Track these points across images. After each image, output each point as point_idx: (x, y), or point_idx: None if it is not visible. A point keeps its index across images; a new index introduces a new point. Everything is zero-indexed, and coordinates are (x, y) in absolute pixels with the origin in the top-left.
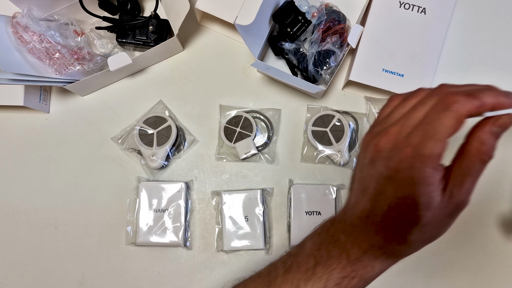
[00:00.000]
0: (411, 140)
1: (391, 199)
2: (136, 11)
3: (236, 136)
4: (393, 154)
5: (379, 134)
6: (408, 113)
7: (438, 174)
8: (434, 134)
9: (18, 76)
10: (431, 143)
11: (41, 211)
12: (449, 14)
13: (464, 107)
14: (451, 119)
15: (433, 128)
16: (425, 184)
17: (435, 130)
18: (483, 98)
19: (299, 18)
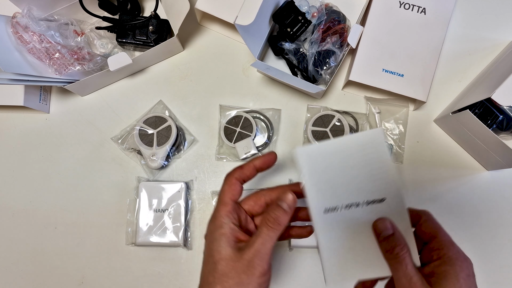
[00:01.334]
0: (212, 213)
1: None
2: (136, 11)
3: (236, 136)
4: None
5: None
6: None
7: (224, 226)
8: (220, 199)
9: (18, 76)
10: (218, 205)
11: (41, 211)
12: (449, 14)
13: (231, 175)
14: (225, 185)
15: (219, 196)
16: (213, 232)
17: (219, 197)
18: (244, 165)
19: (299, 18)
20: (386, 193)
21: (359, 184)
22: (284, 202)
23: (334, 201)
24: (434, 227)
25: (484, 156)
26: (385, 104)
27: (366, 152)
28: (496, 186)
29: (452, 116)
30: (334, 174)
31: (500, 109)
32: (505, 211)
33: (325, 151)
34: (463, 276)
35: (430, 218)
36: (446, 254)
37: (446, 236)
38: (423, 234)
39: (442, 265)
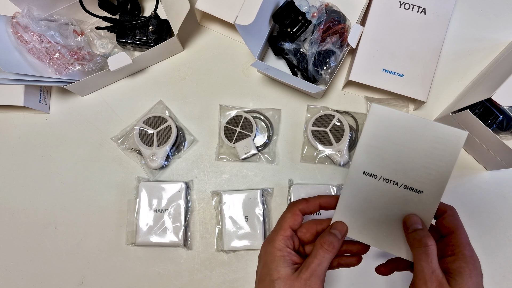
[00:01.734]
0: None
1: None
2: (136, 11)
3: (236, 136)
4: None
5: None
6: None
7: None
8: (280, 225)
9: (18, 76)
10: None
11: (41, 211)
12: (449, 14)
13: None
14: (288, 213)
15: (279, 221)
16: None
17: (280, 222)
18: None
19: (299, 18)
20: (427, 188)
21: (409, 168)
22: (337, 230)
23: (377, 170)
24: (455, 224)
25: (484, 156)
26: (385, 104)
27: (437, 145)
28: (496, 186)
29: (452, 116)
30: (392, 147)
31: (500, 109)
32: (505, 211)
33: (398, 121)
34: (475, 274)
35: (453, 214)
36: (461, 251)
37: (464, 234)
38: (443, 227)
39: (456, 261)
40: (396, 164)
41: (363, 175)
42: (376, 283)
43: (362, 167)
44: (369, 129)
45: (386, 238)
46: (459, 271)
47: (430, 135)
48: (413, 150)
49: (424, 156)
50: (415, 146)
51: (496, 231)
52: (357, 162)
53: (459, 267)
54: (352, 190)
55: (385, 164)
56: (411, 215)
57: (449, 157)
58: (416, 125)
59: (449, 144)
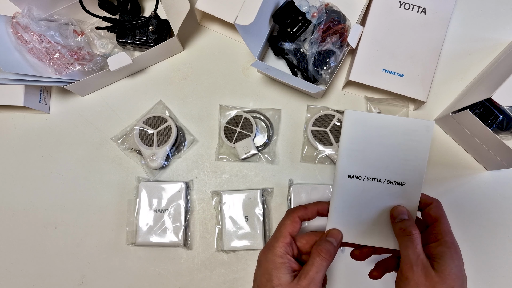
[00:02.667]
0: (272, 238)
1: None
2: (136, 11)
3: (236, 136)
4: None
5: None
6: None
7: (284, 256)
8: (280, 231)
9: (18, 76)
10: (277, 236)
11: (41, 211)
12: (449, 14)
13: (294, 212)
14: (287, 220)
15: (278, 228)
16: (273, 261)
17: (280, 229)
18: (308, 206)
19: (299, 18)
20: (408, 179)
21: (389, 163)
22: (333, 238)
23: (361, 171)
24: (439, 213)
25: (484, 156)
26: (385, 104)
27: (410, 138)
28: (496, 186)
29: (452, 116)
30: (370, 147)
31: (500, 109)
32: (505, 211)
33: (372, 122)
34: (456, 258)
35: (438, 205)
36: (443, 238)
37: (447, 224)
38: (428, 217)
39: (439, 247)
40: (377, 162)
41: (348, 178)
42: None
43: (346, 171)
44: (346, 134)
45: (377, 234)
46: (441, 255)
47: (403, 129)
48: (390, 146)
49: (401, 150)
50: (391, 142)
51: (496, 231)
52: (340, 167)
53: (441, 252)
54: (340, 195)
55: (367, 164)
56: (397, 206)
57: (423, 146)
58: (389, 123)
59: (421, 134)
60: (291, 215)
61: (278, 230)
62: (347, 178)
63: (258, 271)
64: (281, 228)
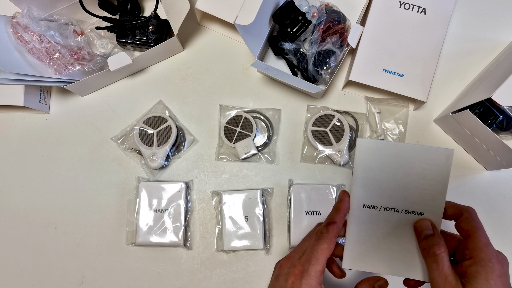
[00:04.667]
0: (301, 261)
1: None
2: (136, 11)
3: (236, 136)
4: (290, 271)
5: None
6: (302, 243)
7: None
8: (316, 257)
9: (18, 76)
10: (314, 263)
11: (41, 211)
12: (449, 14)
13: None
14: (324, 244)
15: (313, 251)
16: None
17: (314, 254)
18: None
19: (299, 18)
20: (427, 209)
21: (406, 193)
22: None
23: (377, 201)
24: (473, 226)
25: (484, 156)
26: (385, 104)
27: (428, 167)
28: (496, 186)
29: (452, 116)
30: (386, 176)
31: (500, 109)
32: (505, 211)
33: (386, 150)
34: (493, 277)
35: (471, 216)
36: (478, 255)
37: (483, 237)
38: (461, 230)
39: (473, 265)
40: (393, 191)
41: (364, 208)
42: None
43: (361, 200)
44: (360, 163)
45: (400, 263)
46: (474, 275)
47: (419, 158)
48: (406, 175)
49: (418, 179)
50: (407, 171)
51: (496, 231)
52: (355, 197)
53: (475, 271)
54: (357, 225)
55: (383, 193)
56: (422, 220)
57: (442, 175)
58: (404, 151)
59: (439, 163)
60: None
61: (314, 254)
62: (363, 207)
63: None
64: (317, 252)
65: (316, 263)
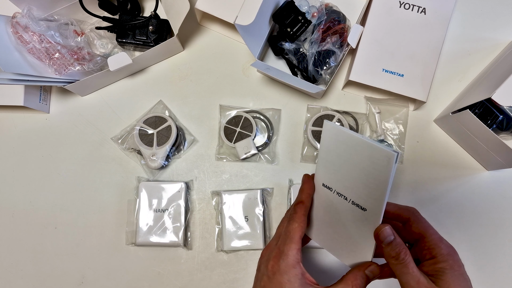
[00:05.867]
0: (278, 244)
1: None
2: (136, 11)
3: (236, 136)
4: (269, 257)
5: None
6: (277, 229)
7: (297, 265)
8: (289, 237)
9: (18, 76)
10: (289, 242)
11: (41, 211)
12: (449, 14)
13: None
14: (295, 223)
15: (286, 233)
16: (287, 273)
17: (288, 235)
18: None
19: (299, 18)
20: (369, 207)
21: (354, 184)
22: (371, 272)
23: (332, 183)
24: (423, 227)
25: (484, 156)
26: (385, 104)
27: (373, 165)
28: (496, 186)
29: (452, 116)
30: (341, 162)
31: (500, 109)
32: (505, 211)
33: (343, 138)
34: (457, 268)
35: (418, 219)
36: (438, 252)
37: (435, 234)
38: (412, 234)
39: (437, 263)
40: (345, 179)
41: (323, 186)
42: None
43: (321, 179)
44: (323, 144)
45: (342, 248)
46: (442, 271)
47: (367, 154)
48: (357, 167)
49: (365, 175)
50: (358, 164)
51: (496, 231)
52: (318, 175)
53: (441, 268)
54: (317, 201)
55: (338, 178)
56: (382, 227)
57: (384, 176)
58: (356, 144)
59: (382, 164)
60: (299, 217)
61: (288, 235)
62: (322, 186)
63: (269, 283)
64: (290, 233)
65: (291, 242)
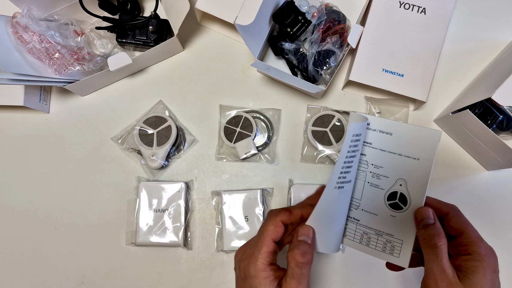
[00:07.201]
0: (251, 245)
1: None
2: (136, 11)
3: (236, 136)
4: (242, 258)
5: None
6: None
7: (267, 268)
8: (262, 239)
9: (18, 76)
10: (260, 245)
11: (41, 211)
12: (449, 14)
13: (278, 216)
14: (270, 225)
15: (260, 234)
16: (257, 276)
17: (260, 236)
18: (293, 211)
19: (299, 18)
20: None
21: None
22: (304, 235)
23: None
24: (463, 223)
25: (484, 156)
26: (385, 104)
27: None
28: (496, 186)
29: (452, 116)
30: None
31: (500, 109)
32: (505, 211)
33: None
34: (489, 271)
35: (458, 214)
36: (475, 250)
37: (474, 232)
38: (451, 229)
39: (471, 261)
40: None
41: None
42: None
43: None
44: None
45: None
46: (473, 270)
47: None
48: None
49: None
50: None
51: (496, 231)
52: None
53: (473, 266)
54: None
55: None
56: (424, 208)
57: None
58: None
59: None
60: (273, 220)
61: (260, 236)
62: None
63: (240, 280)
64: (263, 234)
65: (262, 245)
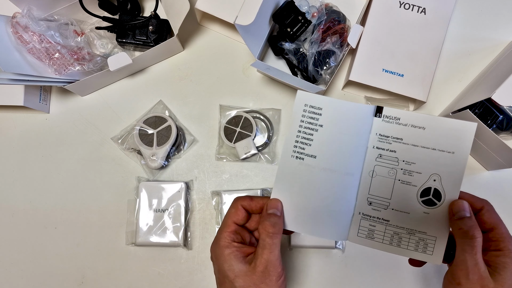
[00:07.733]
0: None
1: (218, 277)
2: (136, 11)
3: (236, 136)
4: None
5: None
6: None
7: (230, 245)
8: (224, 222)
9: (18, 76)
10: (222, 227)
11: (41, 211)
12: (449, 14)
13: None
14: (232, 208)
15: (223, 219)
16: (222, 254)
17: (224, 219)
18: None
19: (299, 18)
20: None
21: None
22: (273, 208)
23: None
24: (495, 219)
25: (484, 156)
26: (385, 104)
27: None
28: (496, 186)
29: (452, 116)
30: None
31: (500, 109)
32: (505, 211)
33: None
34: None
35: (491, 209)
36: (506, 246)
37: (505, 229)
38: (483, 223)
39: (501, 257)
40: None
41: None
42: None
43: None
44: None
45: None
46: (504, 266)
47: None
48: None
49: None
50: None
51: None
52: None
53: (504, 262)
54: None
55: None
56: (460, 200)
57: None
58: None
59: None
60: (235, 203)
61: (223, 221)
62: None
63: (214, 269)
64: (225, 218)
65: (224, 226)
